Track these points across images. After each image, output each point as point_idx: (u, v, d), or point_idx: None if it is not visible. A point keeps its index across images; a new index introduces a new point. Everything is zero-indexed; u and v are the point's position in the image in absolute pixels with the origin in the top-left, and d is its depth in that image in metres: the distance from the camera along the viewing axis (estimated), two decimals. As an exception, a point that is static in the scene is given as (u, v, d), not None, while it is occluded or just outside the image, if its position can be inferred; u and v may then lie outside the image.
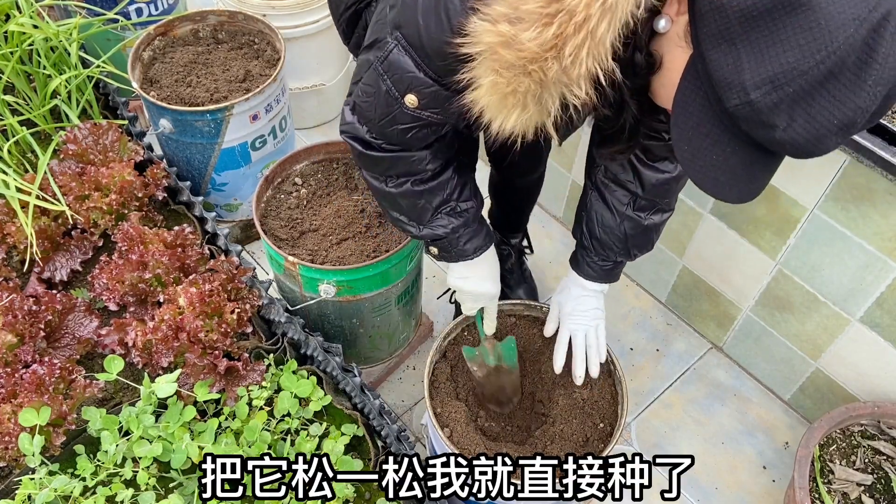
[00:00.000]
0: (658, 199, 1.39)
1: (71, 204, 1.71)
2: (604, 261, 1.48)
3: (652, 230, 1.43)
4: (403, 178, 1.28)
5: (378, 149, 1.23)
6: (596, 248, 1.46)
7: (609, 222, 1.43)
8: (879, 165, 1.44)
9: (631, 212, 1.40)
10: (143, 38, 2.05)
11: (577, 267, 1.51)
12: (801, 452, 1.64)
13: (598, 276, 1.50)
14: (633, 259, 1.50)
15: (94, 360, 1.62)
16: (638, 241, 1.44)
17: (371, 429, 1.54)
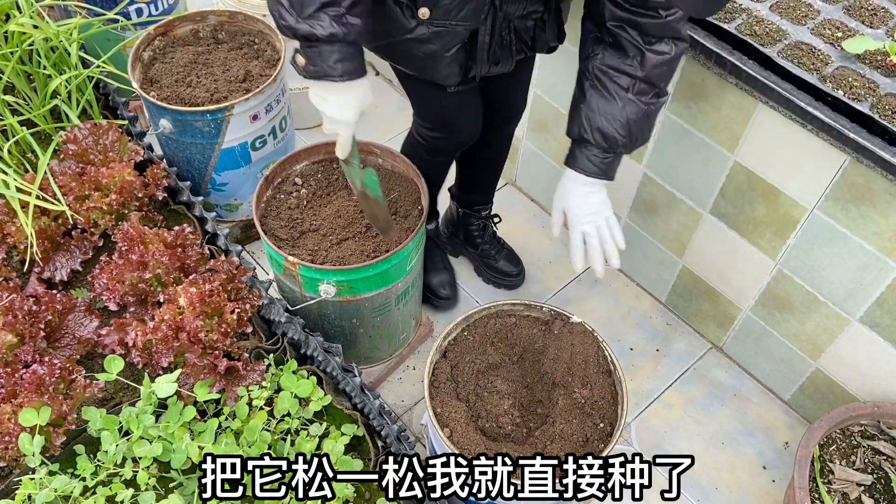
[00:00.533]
0: (657, 81, 1.42)
1: (71, 204, 1.71)
2: (605, 153, 1.47)
3: (651, 115, 1.46)
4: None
5: None
6: (598, 141, 1.45)
7: (611, 110, 1.43)
8: (879, 165, 1.44)
9: (632, 96, 1.42)
10: (143, 39, 2.05)
11: (577, 163, 1.49)
12: (801, 452, 1.64)
13: (599, 170, 1.48)
14: (631, 150, 1.49)
15: (94, 360, 1.62)
16: (639, 128, 1.45)
17: (371, 429, 1.54)
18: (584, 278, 2.29)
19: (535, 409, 1.58)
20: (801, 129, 1.56)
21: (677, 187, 1.94)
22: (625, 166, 2.03)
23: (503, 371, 1.61)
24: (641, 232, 2.14)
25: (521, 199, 2.48)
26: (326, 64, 1.32)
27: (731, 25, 1.60)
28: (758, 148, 1.69)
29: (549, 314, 1.64)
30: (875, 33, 1.59)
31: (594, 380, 1.55)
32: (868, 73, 1.52)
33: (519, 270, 2.24)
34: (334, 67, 1.33)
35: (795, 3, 1.67)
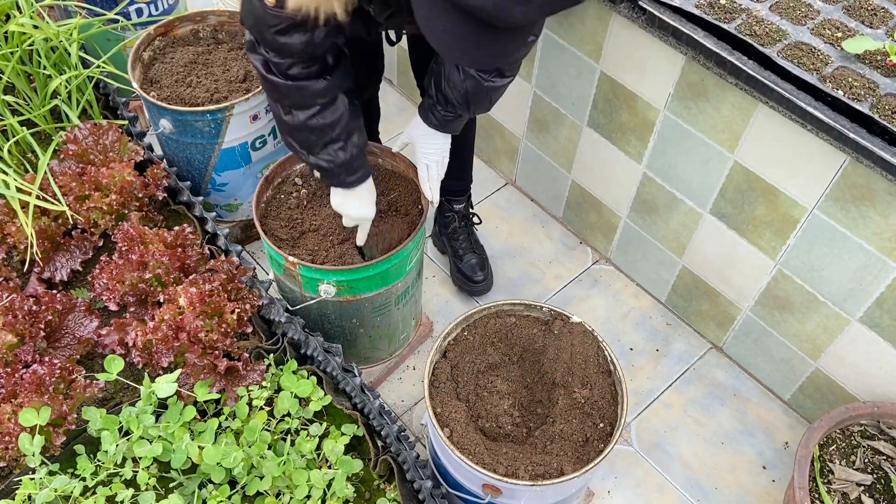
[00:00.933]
0: (500, 64, 1.50)
1: (71, 204, 1.71)
2: (446, 112, 1.60)
3: (492, 91, 1.55)
4: (298, 111, 1.47)
5: (276, 72, 1.40)
6: (440, 101, 1.58)
7: (454, 78, 1.52)
8: (879, 165, 1.44)
9: (474, 72, 1.50)
10: (143, 39, 2.05)
11: (423, 115, 1.64)
12: (801, 452, 1.64)
13: (440, 124, 1.63)
14: (472, 115, 1.66)
15: (95, 360, 1.62)
16: (477, 99, 1.55)
17: (371, 429, 1.54)
18: (583, 278, 2.30)
19: (535, 409, 1.58)
20: (800, 129, 1.56)
21: (677, 187, 1.94)
22: (625, 166, 2.04)
23: (503, 371, 1.61)
24: (641, 232, 2.14)
25: (521, 199, 2.48)
26: (338, 179, 1.59)
27: (731, 25, 1.60)
28: (758, 148, 1.69)
29: (549, 314, 1.64)
30: (875, 33, 1.59)
31: (594, 380, 1.55)
32: (868, 73, 1.52)
33: (483, 278, 2.21)
34: (346, 181, 1.59)
35: (795, 3, 1.67)
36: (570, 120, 2.13)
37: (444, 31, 1.06)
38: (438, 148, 1.68)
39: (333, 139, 1.51)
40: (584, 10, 1.86)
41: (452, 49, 1.10)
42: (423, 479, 1.44)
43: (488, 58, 1.15)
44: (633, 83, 1.87)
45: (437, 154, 1.68)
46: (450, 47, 1.09)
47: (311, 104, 1.46)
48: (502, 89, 1.57)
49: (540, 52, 2.07)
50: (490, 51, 1.10)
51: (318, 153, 1.53)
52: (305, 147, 1.53)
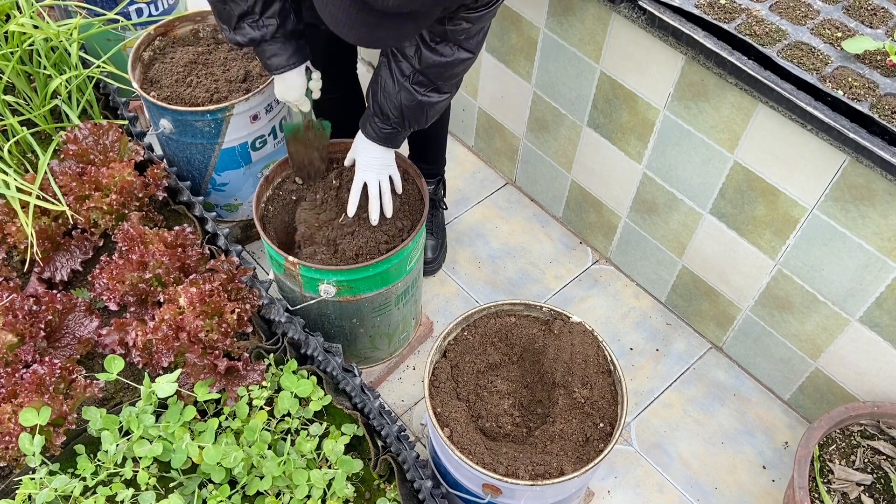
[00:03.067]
0: (435, 79, 1.50)
1: (71, 204, 1.71)
2: (383, 125, 1.60)
3: (427, 107, 1.55)
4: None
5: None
6: (377, 112, 1.58)
7: (389, 89, 1.53)
8: (879, 165, 1.44)
9: (409, 84, 1.50)
10: (143, 39, 2.05)
11: (362, 125, 1.64)
12: (801, 452, 1.64)
13: (379, 138, 1.62)
14: (408, 131, 1.62)
15: (95, 360, 1.62)
16: (412, 114, 1.56)
17: (371, 429, 1.54)
18: (583, 278, 2.30)
19: (535, 409, 1.59)
20: (800, 129, 1.56)
21: (677, 187, 1.94)
22: (625, 166, 2.04)
23: (503, 371, 1.61)
24: (641, 232, 2.15)
25: (520, 199, 2.48)
26: (264, 61, 1.59)
27: (731, 25, 1.60)
28: (758, 148, 1.69)
29: (549, 314, 1.64)
30: (875, 33, 1.59)
31: (594, 380, 1.55)
32: (868, 73, 1.52)
33: (432, 259, 2.25)
34: (269, 63, 1.59)
35: (795, 3, 1.67)
36: (570, 120, 2.13)
37: (333, 6, 1.12)
38: (376, 160, 1.65)
39: (246, 12, 1.49)
40: (583, 10, 1.86)
41: (340, 25, 1.14)
42: (423, 479, 1.44)
43: (375, 39, 1.19)
44: (633, 83, 1.87)
45: (377, 168, 1.66)
46: (338, 22, 1.14)
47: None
48: (439, 106, 1.56)
49: (540, 52, 2.07)
50: (376, 32, 1.15)
51: (234, 27, 1.52)
52: (225, 20, 1.52)
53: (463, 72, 1.52)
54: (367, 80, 2.09)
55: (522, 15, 2.04)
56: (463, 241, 2.37)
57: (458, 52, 1.45)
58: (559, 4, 1.92)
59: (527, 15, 2.03)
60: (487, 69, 2.28)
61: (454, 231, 2.38)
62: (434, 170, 2.22)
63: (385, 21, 1.12)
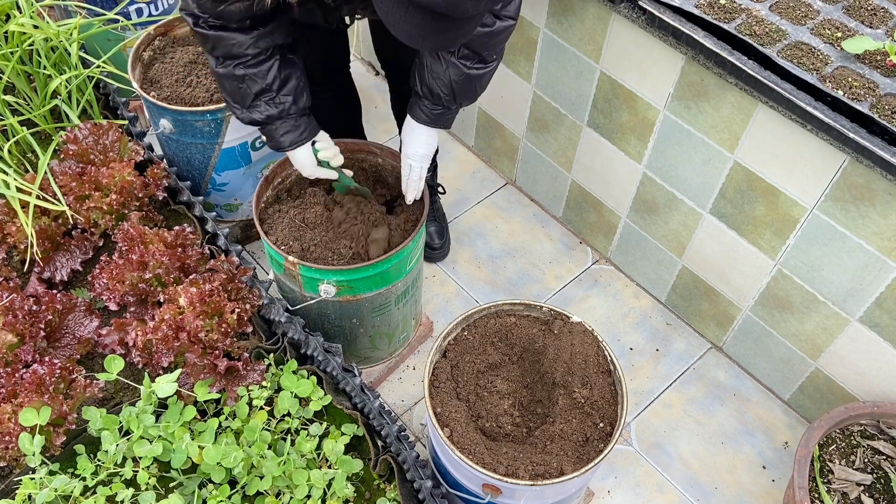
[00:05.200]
0: (480, 49, 1.52)
1: (71, 204, 1.71)
2: (434, 106, 1.62)
3: (475, 80, 1.57)
4: (229, 60, 1.47)
5: (204, 26, 1.41)
6: (426, 95, 1.60)
7: (437, 69, 1.55)
8: (879, 165, 1.44)
9: (456, 60, 1.52)
10: (143, 39, 2.05)
11: (412, 112, 1.66)
12: (801, 452, 1.64)
13: (430, 119, 1.64)
14: (460, 107, 1.64)
15: (95, 359, 1.62)
16: (462, 89, 1.57)
17: (371, 428, 1.54)
18: (583, 278, 2.30)
19: (535, 409, 1.59)
20: (800, 129, 1.56)
21: (677, 187, 1.94)
22: (625, 166, 2.04)
23: (503, 371, 1.61)
24: (641, 232, 2.15)
25: (520, 199, 2.48)
26: (274, 139, 1.61)
27: (731, 25, 1.60)
28: (757, 148, 1.69)
29: (549, 314, 1.64)
30: (875, 33, 1.59)
31: (594, 380, 1.55)
32: (868, 73, 1.52)
33: (440, 245, 2.28)
34: (282, 140, 1.61)
35: (795, 3, 1.67)
36: (569, 120, 2.13)
37: (403, 21, 1.13)
38: (424, 145, 1.68)
39: (263, 90, 1.51)
40: (584, 10, 1.86)
41: (413, 36, 1.16)
42: (423, 479, 1.44)
43: (448, 42, 1.23)
44: (633, 83, 1.87)
45: (422, 152, 1.69)
46: (410, 34, 1.16)
47: (240, 54, 1.46)
48: (487, 77, 1.59)
49: (540, 52, 2.07)
50: (448, 36, 1.17)
51: (249, 106, 1.54)
52: (238, 100, 1.53)
53: (506, 39, 1.54)
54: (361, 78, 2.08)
55: (522, 15, 2.04)
56: (463, 240, 2.37)
57: (500, 21, 1.47)
58: (559, 4, 1.92)
59: (527, 15, 2.03)
60: (487, 69, 2.28)
61: (454, 231, 2.38)
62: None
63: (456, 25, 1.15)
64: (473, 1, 1.09)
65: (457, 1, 1.07)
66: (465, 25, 1.17)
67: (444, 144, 2.56)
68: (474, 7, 1.10)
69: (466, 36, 1.22)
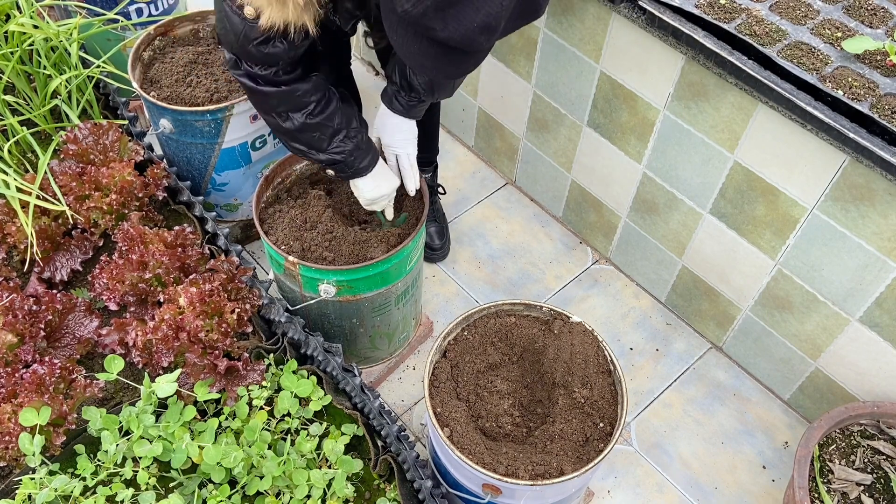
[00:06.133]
0: None
1: (71, 204, 1.71)
2: (410, 98, 1.63)
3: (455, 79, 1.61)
4: (294, 113, 1.51)
5: (263, 83, 1.45)
6: (404, 87, 1.61)
7: None
8: (879, 165, 1.44)
9: None
10: (143, 39, 2.05)
11: (387, 101, 1.67)
12: (801, 452, 1.64)
13: (405, 110, 1.65)
14: (435, 100, 1.69)
15: (95, 359, 1.62)
16: (441, 87, 1.61)
17: (371, 428, 1.54)
18: (583, 278, 2.30)
19: (535, 409, 1.59)
20: (800, 129, 1.56)
21: (677, 187, 1.94)
22: (625, 166, 2.04)
23: (503, 371, 1.61)
24: (641, 232, 2.15)
25: (520, 199, 2.48)
26: (355, 168, 1.61)
27: (731, 25, 1.60)
28: (757, 148, 1.69)
29: (549, 314, 1.64)
30: (875, 33, 1.59)
31: (594, 379, 1.55)
32: (868, 73, 1.52)
33: (440, 246, 2.29)
34: (363, 167, 1.62)
35: (795, 3, 1.67)
36: (569, 120, 2.13)
37: (418, 54, 1.17)
38: (405, 135, 1.70)
39: (336, 130, 1.55)
40: (583, 10, 1.86)
41: (426, 67, 1.21)
42: (423, 479, 1.44)
43: (459, 71, 1.28)
44: (633, 83, 1.87)
45: (404, 141, 1.70)
46: (423, 66, 1.21)
47: (306, 104, 1.50)
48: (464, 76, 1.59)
49: (540, 52, 2.07)
50: (460, 67, 1.23)
51: (327, 149, 1.57)
52: (315, 146, 1.57)
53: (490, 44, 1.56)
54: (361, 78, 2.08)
55: (522, 15, 2.04)
56: (463, 240, 2.37)
57: None
58: (559, 4, 1.92)
59: (527, 15, 2.03)
60: (487, 69, 2.28)
61: (454, 231, 2.38)
62: (429, 158, 2.23)
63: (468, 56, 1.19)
64: (487, 35, 1.12)
65: (471, 35, 1.10)
66: (477, 56, 1.20)
67: (444, 144, 2.56)
68: (487, 41, 1.14)
69: (477, 65, 1.26)
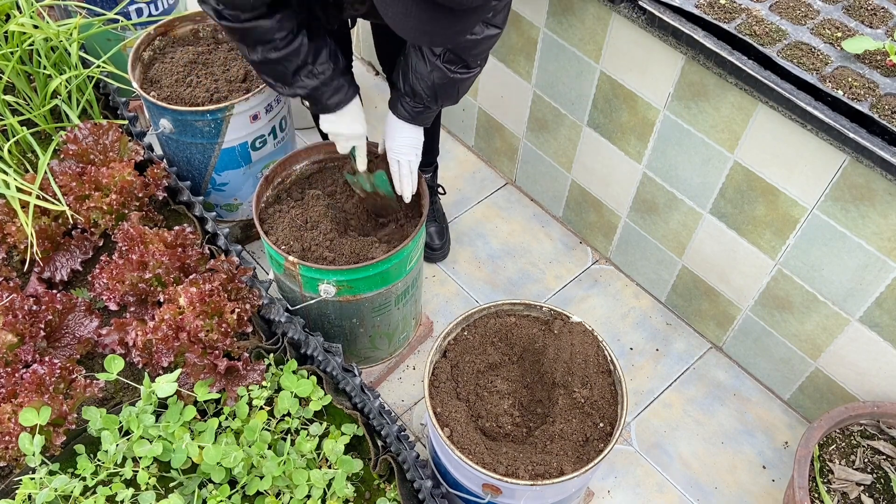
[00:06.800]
0: (465, 55, 1.54)
1: (71, 204, 1.71)
2: (415, 104, 1.64)
3: (458, 83, 1.60)
4: (260, 46, 1.49)
5: (229, 17, 1.43)
6: (408, 93, 1.62)
7: (421, 70, 1.58)
8: (879, 165, 1.44)
9: (440, 63, 1.55)
10: (143, 39, 2.05)
11: (393, 107, 1.68)
12: (801, 452, 1.64)
13: (410, 117, 1.67)
14: (440, 107, 1.68)
15: (95, 359, 1.62)
16: (444, 91, 1.61)
17: (371, 428, 1.54)
18: (583, 278, 2.30)
19: (535, 409, 1.59)
20: (800, 129, 1.56)
21: (677, 187, 1.94)
22: (625, 166, 2.04)
23: (503, 371, 1.61)
24: (641, 232, 2.15)
25: (520, 199, 2.48)
26: (321, 104, 1.61)
27: (731, 25, 1.60)
28: (758, 148, 1.69)
29: (549, 314, 1.64)
30: (875, 33, 1.59)
31: (594, 379, 1.55)
32: (868, 73, 1.52)
33: (440, 246, 2.29)
34: (329, 104, 1.61)
35: (795, 3, 1.67)
36: (569, 120, 2.13)
37: (402, 14, 1.14)
38: (409, 142, 1.70)
39: (300, 66, 1.54)
40: (583, 10, 1.86)
41: (410, 29, 1.17)
42: (423, 479, 1.44)
43: (445, 37, 1.22)
44: (633, 83, 1.87)
45: (407, 148, 1.70)
46: (407, 28, 1.16)
47: (269, 39, 1.48)
48: (469, 81, 1.61)
49: (540, 52, 2.07)
50: (447, 30, 1.18)
51: (291, 83, 1.56)
52: (280, 79, 1.56)
53: (490, 47, 1.56)
54: (361, 78, 2.08)
55: (522, 15, 2.04)
56: (463, 240, 2.37)
57: (487, 30, 1.50)
58: (559, 4, 1.92)
59: (527, 15, 2.03)
60: (487, 69, 2.28)
61: (454, 231, 2.38)
62: (430, 159, 2.23)
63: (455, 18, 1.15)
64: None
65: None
66: (466, 19, 1.17)
67: (445, 144, 2.57)
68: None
69: (467, 31, 1.22)
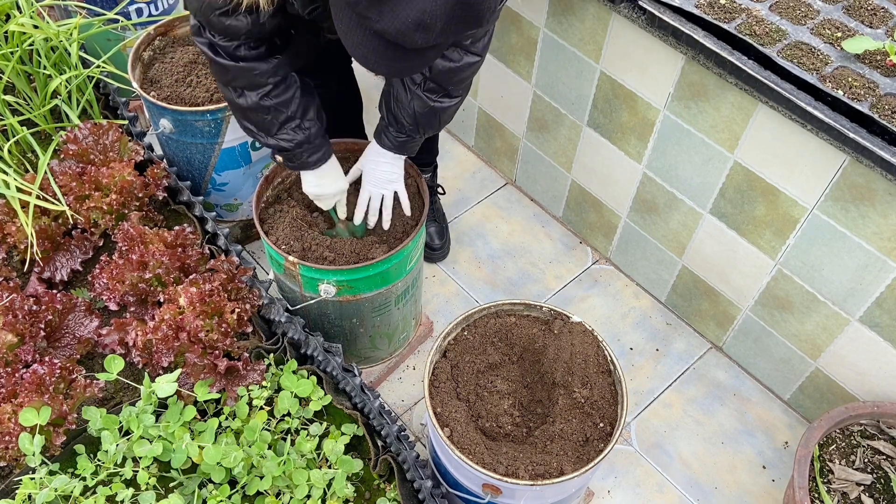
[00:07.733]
0: (445, 84, 1.53)
1: (71, 204, 1.71)
2: (398, 133, 1.63)
3: (439, 112, 1.58)
4: (250, 92, 1.47)
5: (223, 55, 1.41)
6: (391, 122, 1.62)
7: (402, 98, 1.57)
8: (879, 165, 1.44)
9: (420, 92, 1.54)
10: (143, 39, 2.05)
11: (377, 136, 1.68)
12: (801, 452, 1.64)
13: (394, 146, 1.66)
14: (423, 136, 1.66)
15: (95, 359, 1.62)
16: (425, 119, 1.59)
17: (371, 428, 1.54)
18: (583, 278, 2.30)
19: (535, 409, 1.59)
20: (800, 129, 1.56)
21: (677, 187, 1.94)
22: (625, 166, 2.04)
23: (503, 371, 1.61)
24: (641, 232, 2.15)
25: (520, 199, 2.48)
26: (300, 161, 1.61)
27: (731, 25, 1.60)
28: (758, 148, 1.69)
29: (549, 314, 1.64)
30: (875, 33, 1.59)
31: (594, 379, 1.55)
32: (868, 72, 1.52)
33: (440, 246, 2.28)
34: (308, 161, 1.61)
35: (795, 3, 1.67)
36: (569, 120, 2.13)
37: (360, 45, 1.13)
38: (387, 175, 1.69)
39: (289, 118, 1.53)
40: (583, 10, 1.86)
41: (369, 60, 1.16)
42: (423, 479, 1.44)
43: (403, 70, 1.22)
44: (633, 83, 1.87)
45: (384, 182, 1.69)
46: (366, 58, 1.16)
47: (262, 84, 1.46)
48: (451, 110, 1.59)
49: (540, 52, 2.07)
50: (403, 64, 1.17)
51: (276, 134, 1.54)
52: (263, 129, 1.54)
53: (471, 75, 1.54)
54: (362, 78, 2.08)
55: (522, 15, 2.04)
56: (463, 240, 2.37)
57: (466, 57, 1.48)
58: (559, 4, 1.92)
59: (527, 15, 2.03)
60: (487, 69, 2.28)
61: (454, 231, 2.38)
62: (429, 159, 2.23)
63: (410, 54, 1.15)
64: (422, 33, 1.07)
65: (405, 31, 1.06)
66: (421, 56, 1.16)
67: (444, 144, 2.57)
68: (424, 40, 1.08)
69: (423, 66, 1.21)
